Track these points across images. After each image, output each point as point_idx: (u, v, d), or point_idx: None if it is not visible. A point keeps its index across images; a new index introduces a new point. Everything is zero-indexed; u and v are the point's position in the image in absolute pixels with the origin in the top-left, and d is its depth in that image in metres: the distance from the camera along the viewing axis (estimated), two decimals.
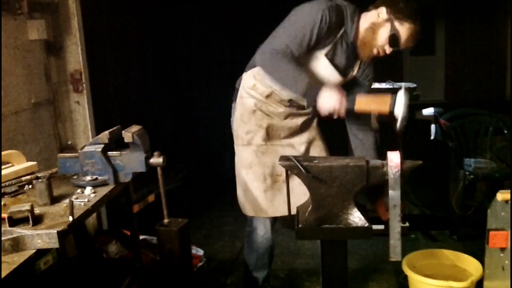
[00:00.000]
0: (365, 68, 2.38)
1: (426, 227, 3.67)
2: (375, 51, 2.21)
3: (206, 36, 5.88)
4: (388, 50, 2.18)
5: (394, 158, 1.76)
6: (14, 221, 1.49)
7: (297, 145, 2.44)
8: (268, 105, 2.36)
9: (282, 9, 2.35)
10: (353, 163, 1.78)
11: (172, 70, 5.50)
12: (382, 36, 2.16)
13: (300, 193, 2.15)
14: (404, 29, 2.13)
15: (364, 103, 2.05)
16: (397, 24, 2.13)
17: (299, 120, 2.44)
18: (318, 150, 2.50)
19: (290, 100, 2.35)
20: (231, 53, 5.69)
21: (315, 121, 2.53)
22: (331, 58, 2.25)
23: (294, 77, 2.10)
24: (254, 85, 2.35)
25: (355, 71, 2.36)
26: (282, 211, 2.36)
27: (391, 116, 1.98)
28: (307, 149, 2.48)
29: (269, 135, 2.39)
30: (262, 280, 2.62)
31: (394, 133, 3.50)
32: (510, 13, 8.76)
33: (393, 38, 2.14)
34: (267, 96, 2.35)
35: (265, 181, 2.38)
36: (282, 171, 2.28)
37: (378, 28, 2.16)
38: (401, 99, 1.94)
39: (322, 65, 2.26)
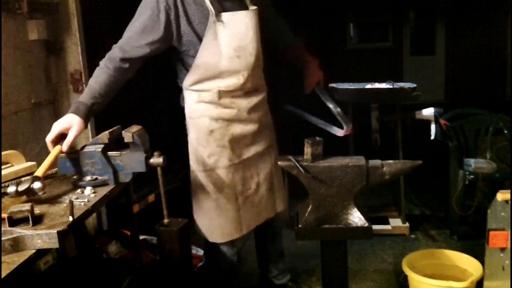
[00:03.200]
0: None
1: (426, 227, 3.67)
2: None
3: None
4: None
5: None
6: (14, 221, 1.49)
7: (263, 154, 2.30)
8: (226, 109, 2.16)
9: (282, 9, 2.35)
10: (353, 163, 1.78)
11: (172, 70, 5.49)
12: None
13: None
14: None
15: None
16: None
17: (257, 106, 2.25)
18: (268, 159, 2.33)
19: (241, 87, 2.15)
20: None
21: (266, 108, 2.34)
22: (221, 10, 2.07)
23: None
24: (199, 97, 2.17)
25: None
26: (253, 224, 2.31)
27: None
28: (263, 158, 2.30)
29: (235, 151, 2.20)
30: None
31: (394, 133, 3.51)
32: (510, 13, 8.77)
33: None
34: (219, 98, 2.13)
35: (236, 200, 2.23)
36: (253, 183, 2.24)
37: None
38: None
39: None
